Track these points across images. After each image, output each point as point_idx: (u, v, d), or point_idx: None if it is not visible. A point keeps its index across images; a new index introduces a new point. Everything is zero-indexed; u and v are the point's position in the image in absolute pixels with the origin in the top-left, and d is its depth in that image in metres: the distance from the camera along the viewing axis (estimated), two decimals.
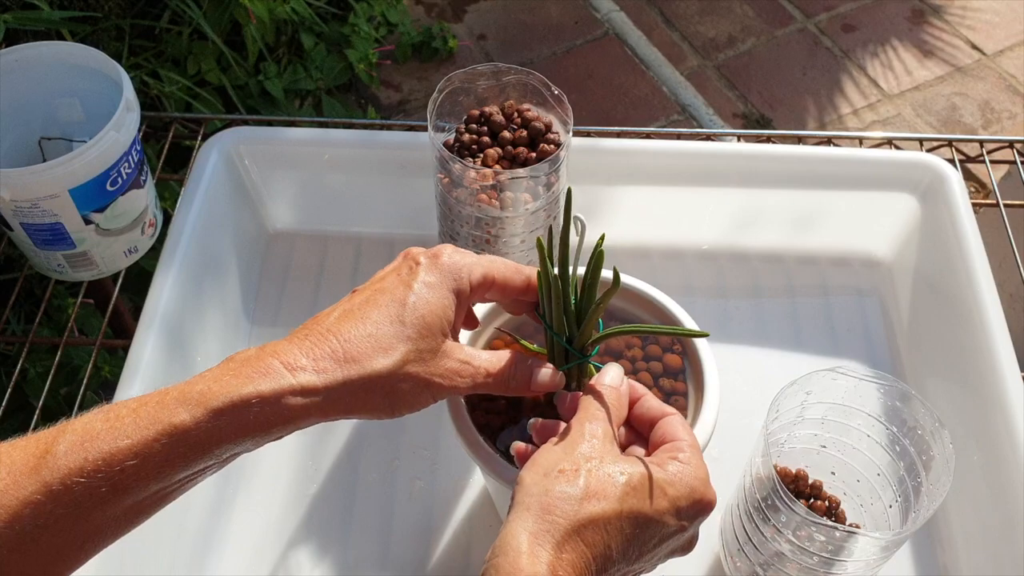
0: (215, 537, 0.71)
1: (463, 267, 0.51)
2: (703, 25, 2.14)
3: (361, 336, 0.47)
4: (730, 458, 0.72)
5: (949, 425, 0.59)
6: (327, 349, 0.46)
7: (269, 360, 0.45)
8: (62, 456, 0.42)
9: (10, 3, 1.10)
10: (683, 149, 0.86)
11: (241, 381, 0.44)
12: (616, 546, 0.45)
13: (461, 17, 2.14)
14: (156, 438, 0.43)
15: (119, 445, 0.42)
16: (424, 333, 0.48)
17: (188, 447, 0.43)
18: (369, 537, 0.71)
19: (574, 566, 0.43)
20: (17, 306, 1.16)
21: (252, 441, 0.45)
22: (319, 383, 0.45)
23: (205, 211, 0.80)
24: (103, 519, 0.43)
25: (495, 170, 0.69)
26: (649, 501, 0.46)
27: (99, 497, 0.42)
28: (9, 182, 0.73)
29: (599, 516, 0.45)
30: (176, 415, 0.43)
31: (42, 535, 0.41)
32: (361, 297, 0.49)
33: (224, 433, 0.44)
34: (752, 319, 0.85)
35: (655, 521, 0.46)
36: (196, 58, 1.50)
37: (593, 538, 0.44)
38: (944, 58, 2.07)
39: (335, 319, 0.48)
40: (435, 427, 0.77)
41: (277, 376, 0.44)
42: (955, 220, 0.79)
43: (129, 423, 0.43)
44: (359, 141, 0.86)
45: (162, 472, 0.43)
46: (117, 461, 0.42)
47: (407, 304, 0.48)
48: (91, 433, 0.43)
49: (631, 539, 0.46)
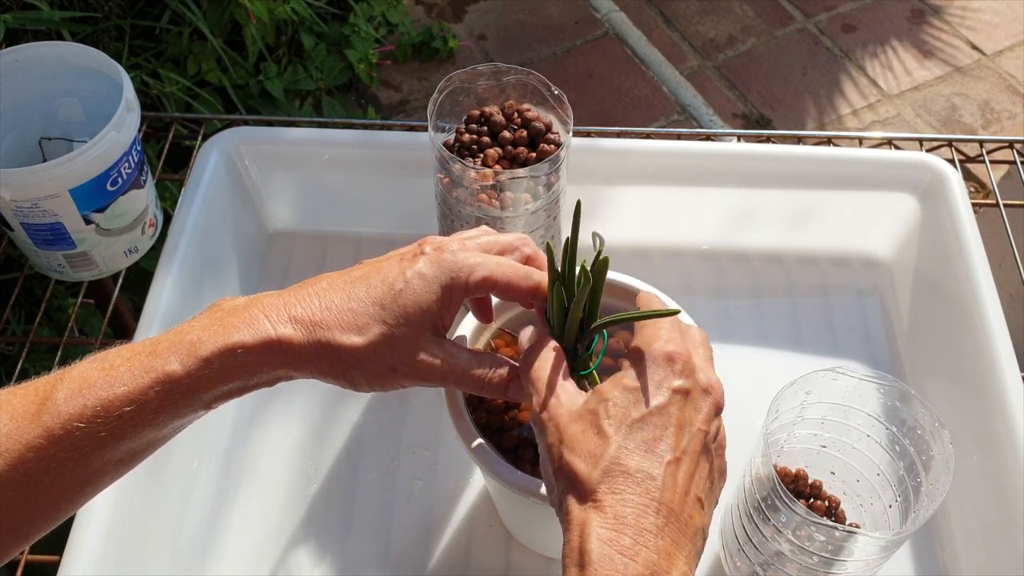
0: (215, 537, 0.71)
1: (464, 266, 0.51)
2: (703, 25, 2.14)
3: (342, 308, 0.48)
4: (730, 458, 0.72)
5: (949, 425, 0.59)
6: (308, 310, 0.48)
7: (254, 311, 0.48)
8: (62, 403, 0.44)
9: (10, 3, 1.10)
10: (683, 149, 0.86)
11: (228, 330, 0.47)
12: (640, 462, 0.44)
13: (461, 17, 2.14)
14: (151, 386, 0.45)
15: (116, 392, 0.44)
16: (402, 322, 0.49)
17: (180, 394, 0.46)
18: (369, 537, 0.71)
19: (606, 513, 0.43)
20: (17, 306, 1.16)
21: (237, 386, 0.47)
22: (295, 339, 0.47)
23: (205, 211, 0.80)
24: (102, 463, 0.45)
25: (495, 170, 0.69)
26: (625, 409, 0.46)
27: (98, 441, 0.44)
28: (9, 182, 0.73)
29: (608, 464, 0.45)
30: (169, 364, 0.45)
31: (45, 477, 0.44)
32: (359, 272, 0.51)
33: (212, 379, 0.46)
34: (752, 319, 0.85)
35: (643, 416, 0.46)
36: (196, 58, 1.50)
37: (617, 484, 0.44)
38: (944, 58, 2.07)
39: (325, 285, 0.50)
40: (435, 427, 0.77)
41: (260, 327, 0.47)
42: (955, 220, 0.79)
43: (124, 372, 0.45)
44: (359, 141, 0.86)
45: (156, 418, 0.45)
46: (115, 408, 0.44)
47: (394, 290, 0.49)
48: (88, 381, 0.45)
49: (639, 447, 0.45)
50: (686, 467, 0.46)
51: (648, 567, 0.42)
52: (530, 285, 0.52)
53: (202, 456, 0.74)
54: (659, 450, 0.45)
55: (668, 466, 0.45)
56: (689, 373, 0.48)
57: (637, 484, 0.44)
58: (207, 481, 0.74)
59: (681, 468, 0.45)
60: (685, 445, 0.46)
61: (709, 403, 0.48)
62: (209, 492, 0.73)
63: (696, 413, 0.47)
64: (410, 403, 0.78)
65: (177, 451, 0.71)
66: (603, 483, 0.44)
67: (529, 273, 0.52)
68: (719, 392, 0.49)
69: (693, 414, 0.47)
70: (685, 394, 0.47)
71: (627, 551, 0.42)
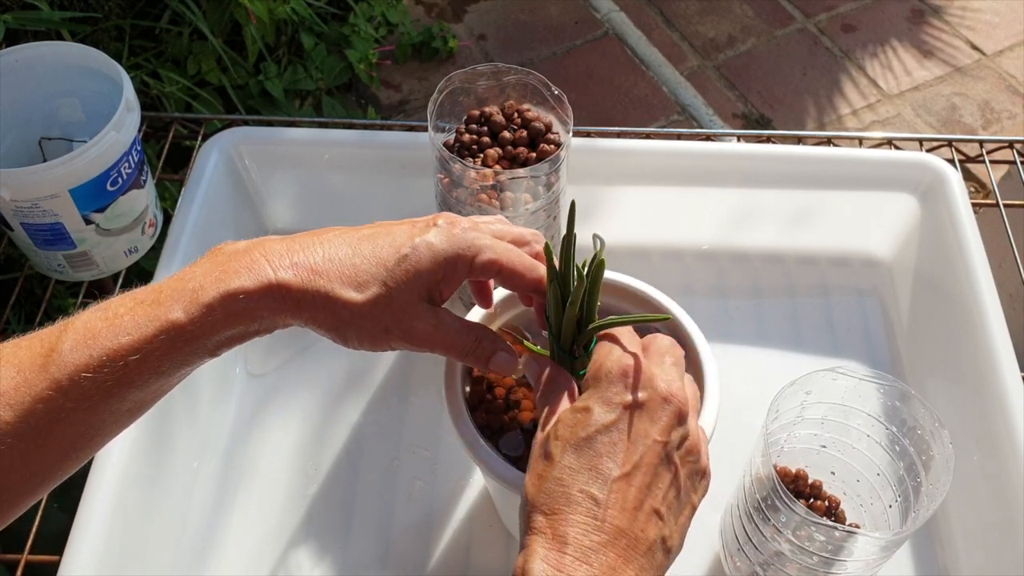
0: (215, 537, 0.71)
1: (473, 245, 0.51)
2: (703, 25, 2.14)
3: (345, 261, 0.49)
4: (730, 458, 0.72)
5: (949, 425, 0.59)
6: (311, 259, 0.48)
7: (256, 255, 0.48)
8: (68, 353, 0.44)
9: (10, 3, 1.10)
10: (683, 149, 0.86)
11: (229, 275, 0.47)
12: (578, 485, 0.45)
13: (461, 17, 2.14)
14: (156, 334, 0.45)
15: (121, 342, 0.45)
16: (402, 286, 0.49)
17: (184, 341, 0.45)
18: (369, 537, 0.71)
19: (544, 535, 0.44)
20: (17, 306, 1.16)
21: (239, 332, 0.47)
22: (294, 284, 0.47)
23: (205, 211, 0.80)
24: (110, 412, 0.45)
25: (495, 170, 0.69)
26: (569, 429, 0.46)
27: (106, 391, 0.44)
28: (9, 182, 0.73)
29: (550, 485, 0.45)
30: (172, 312, 0.45)
31: (55, 428, 0.44)
32: (369, 230, 0.51)
33: (216, 326, 0.46)
34: (752, 319, 0.85)
35: (586, 437, 0.46)
36: (196, 58, 1.50)
37: (555, 504, 0.45)
38: (944, 58, 2.07)
39: (332, 236, 0.50)
40: (435, 427, 0.77)
41: (261, 271, 0.47)
42: (955, 220, 0.79)
43: (128, 321, 0.45)
44: (359, 141, 0.86)
45: (162, 366, 0.45)
46: (120, 357, 0.44)
47: (399, 254, 0.49)
48: (93, 331, 0.45)
49: (582, 468, 0.45)
50: (639, 480, 0.45)
51: None
52: (534, 277, 0.52)
53: (202, 456, 0.74)
54: (604, 468, 0.45)
55: (615, 483, 0.45)
56: (645, 384, 0.47)
57: (578, 504, 0.44)
58: (207, 481, 0.74)
59: (633, 482, 0.45)
60: (638, 459, 0.46)
61: (669, 412, 0.47)
62: (209, 492, 0.73)
63: (652, 424, 0.47)
64: (410, 403, 0.78)
65: (177, 451, 0.71)
66: (546, 505, 0.45)
67: (535, 266, 0.53)
68: (680, 398, 0.48)
69: (648, 426, 0.47)
70: (639, 407, 0.47)
71: (567, 569, 0.42)
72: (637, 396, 0.47)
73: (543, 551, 0.43)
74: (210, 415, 0.76)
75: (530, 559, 0.43)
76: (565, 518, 0.44)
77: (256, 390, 0.79)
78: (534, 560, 0.43)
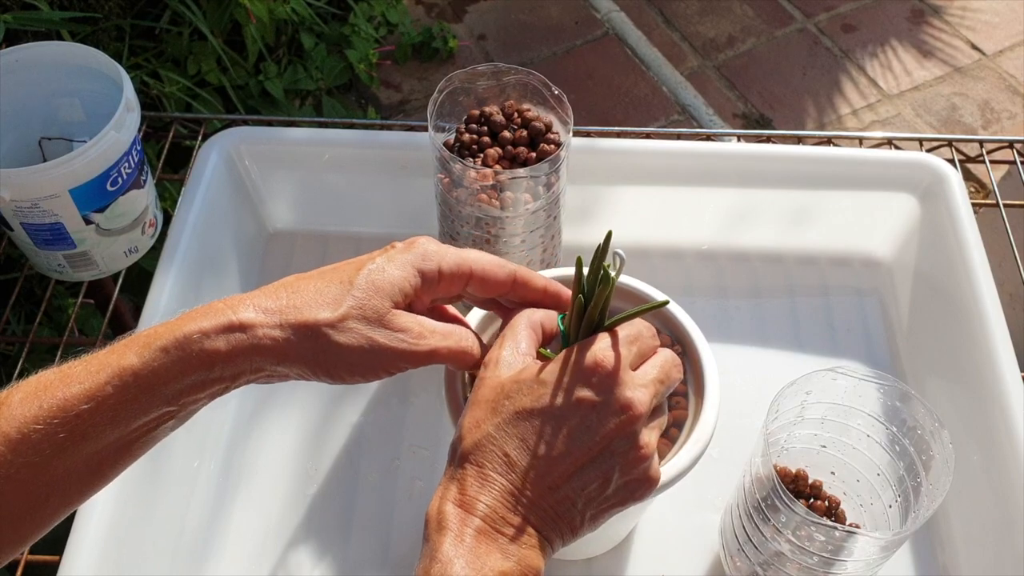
0: (215, 537, 0.71)
1: (435, 253, 0.51)
2: (703, 25, 2.14)
3: (310, 292, 0.48)
4: (730, 458, 0.72)
5: (949, 425, 0.59)
6: (274, 299, 0.47)
7: (216, 304, 0.47)
8: (17, 406, 0.43)
9: (10, 3, 1.10)
10: (683, 149, 0.86)
11: (186, 322, 0.46)
12: (513, 449, 0.46)
13: (461, 17, 2.14)
14: (108, 381, 0.44)
15: (72, 391, 0.43)
16: (371, 294, 0.48)
17: (139, 388, 0.44)
18: (369, 537, 0.71)
19: (463, 483, 0.45)
20: (17, 306, 1.16)
21: (198, 379, 0.45)
22: (256, 320, 0.46)
23: (205, 211, 0.80)
24: (64, 469, 0.43)
25: (495, 170, 0.69)
26: (524, 397, 0.47)
27: (58, 444, 0.43)
28: (9, 182, 0.73)
29: (481, 438, 0.46)
30: (125, 358, 0.44)
31: (5, 486, 0.42)
32: (330, 266, 0.51)
33: (171, 370, 0.44)
34: (752, 319, 0.85)
35: (538, 409, 0.47)
36: (196, 58, 1.50)
37: (482, 457, 0.46)
38: (944, 58, 2.07)
39: (294, 278, 0.50)
40: (435, 427, 0.77)
41: (219, 314, 0.46)
42: (955, 220, 0.79)
43: (80, 370, 0.44)
44: (359, 141, 0.86)
45: (117, 416, 0.44)
46: (72, 407, 0.43)
47: (362, 271, 0.49)
48: (44, 383, 0.44)
49: (525, 435, 0.46)
50: (563, 468, 0.46)
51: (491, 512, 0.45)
52: (506, 273, 0.52)
53: (202, 456, 0.74)
54: (532, 445, 0.46)
55: (539, 460, 0.46)
56: (606, 388, 0.47)
57: (498, 466, 0.46)
58: (207, 481, 0.74)
59: (556, 468, 0.46)
60: (569, 448, 0.46)
61: (616, 422, 0.47)
62: (209, 492, 0.73)
63: (598, 425, 0.47)
64: (410, 403, 0.78)
65: (177, 451, 0.71)
66: (473, 456, 0.46)
67: (503, 263, 0.53)
68: (636, 412, 0.47)
69: (596, 424, 0.47)
70: (591, 406, 0.47)
71: (466, 505, 0.45)
72: (592, 395, 0.47)
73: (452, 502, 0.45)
74: (210, 415, 0.76)
75: (444, 501, 0.45)
76: (486, 475, 0.46)
77: (256, 390, 0.79)
78: (447, 503, 0.45)
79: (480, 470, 0.46)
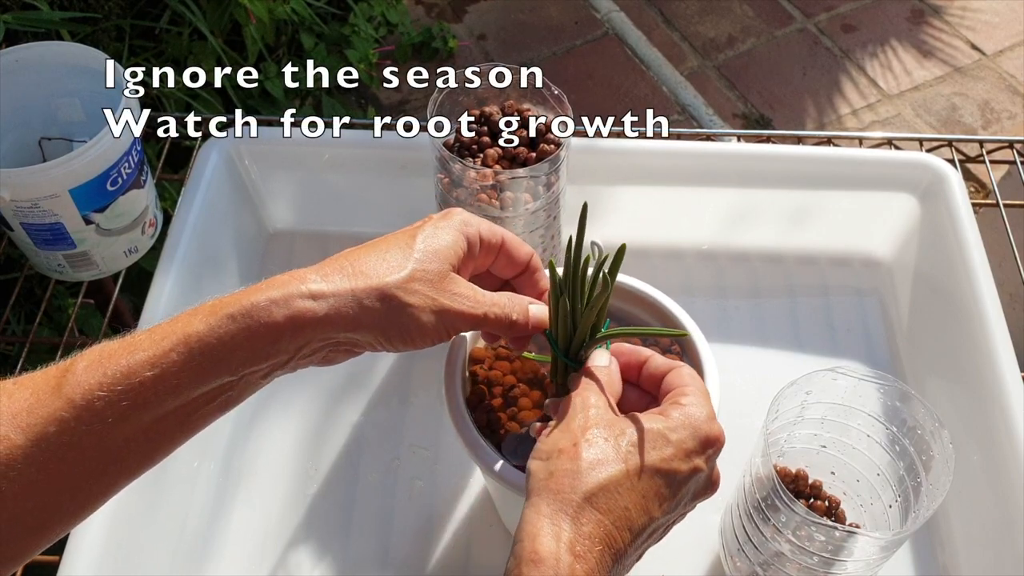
0: (215, 537, 0.71)
1: (473, 219, 0.53)
2: (703, 25, 2.14)
3: (372, 259, 0.49)
4: (730, 458, 0.72)
5: (949, 425, 0.59)
6: (338, 269, 0.48)
7: (280, 277, 0.48)
8: (81, 373, 0.43)
9: (10, 3, 1.10)
10: (683, 149, 0.86)
11: (253, 293, 0.46)
12: (633, 505, 0.46)
13: (461, 17, 2.14)
14: (172, 348, 0.44)
15: (136, 359, 0.44)
16: (432, 258, 0.50)
17: (203, 355, 0.44)
18: (369, 537, 0.71)
19: (592, 537, 0.44)
20: (17, 306, 1.16)
21: (263, 353, 0.46)
22: (327, 289, 0.47)
23: (205, 211, 0.80)
24: (123, 438, 0.44)
25: (495, 170, 0.69)
26: (654, 452, 0.47)
27: (120, 412, 0.43)
28: (9, 182, 0.73)
29: (607, 482, 0.45)
30: (191, 325, 0.45)
31: (68, 453, 0.43)
32: (381, 238, 0.52)
33: (236, 338, 0.45)
34: (752, 319, 0.85)
35: (665, 470, 0.47)
36: (196, 58, 1.50)
37: (607, 504, 0.45)
38: (944, 58, 2.07)
39: (349, 251, 0.51)
40: (435, 427, 0.77)
41: (285, 285, 0.47)
42: (955, 220, 0.79)
43: (144, 339, 0.45)
44: (359, 141, 0.86)
45: (180, 384, 0.44)
46: (135, 374, 0.44)
47: (416, 238, 0.51)
48: (108, 351, 0.45)
49: (647, 494, 0.46)
50: (655, 531, 0.48)
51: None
52: (525, 253, 0.55)
53: (202, 456, 0.74)
54: (650, 506, 0.47)
55: (652, 520, 0.47)
56: (712, 462, 0.50)
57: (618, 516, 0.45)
58: (207, 481, 0.74)
59: (650, 528, 0.47)
60: (668, 517, 0.48)
61: (705, 495, 0.51)
62: (209, 492, 0.73)
63: (694, 498, 0.50)
64: (410, 403, 0.78)
65: (177, 451, 0.71)
66: (592, 495, 0.45)
67: (524, 243, 0.55)
68: (715, 488, 0.51)
69: (699, 492, 0.50)
70: (700, 475, 0.49)
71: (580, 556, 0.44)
72: (704, 466, 0.49)
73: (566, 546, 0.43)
74: None
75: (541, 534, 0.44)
76: (600, 518, 0.45)
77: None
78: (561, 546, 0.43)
79: (601, 519, 0.45)
